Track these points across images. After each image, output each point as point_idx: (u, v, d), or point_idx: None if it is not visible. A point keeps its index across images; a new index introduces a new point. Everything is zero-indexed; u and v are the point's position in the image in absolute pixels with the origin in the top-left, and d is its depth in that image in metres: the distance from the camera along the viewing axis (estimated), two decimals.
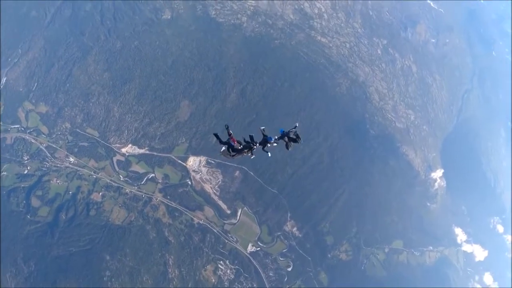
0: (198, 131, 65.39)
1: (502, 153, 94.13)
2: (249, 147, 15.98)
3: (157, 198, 63.93)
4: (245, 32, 70.40)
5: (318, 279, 68.49)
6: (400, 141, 73.70)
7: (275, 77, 68.59)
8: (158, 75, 66.28)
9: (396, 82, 79.41)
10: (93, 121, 64.29)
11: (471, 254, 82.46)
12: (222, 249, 64.45)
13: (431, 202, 76.80)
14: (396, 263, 72.47)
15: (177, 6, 69.91)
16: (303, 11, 75.76)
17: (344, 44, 76.28)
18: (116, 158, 64.43)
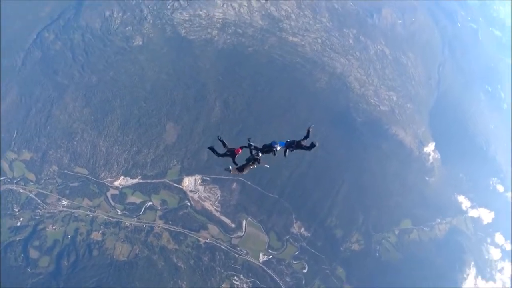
0: (188, 151, 64.77)
1: (486, 116, 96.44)
2: (253, 159, 14.75)
3: (159, 225, 62.59)
4: (218, 45, 70.89)
5: (336, 274, 67.70)
6: (388, 123, 74.63)
7: (254, 84, 68.98)
8: (139, 102, 65.77)
9: (372, 68, 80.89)
10: (81, 159, 63.06)
11: (479, 219, 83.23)
12: (234, 264, 63.22)
13: (429, 176, 77.55)
14: (409, 242, 72.38)
15: (147, 31, 70.03)
16: (271, 15, 76.96)
17: (316, 40, 77.57)
18: (110, 193, 63.12)
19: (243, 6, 75.70)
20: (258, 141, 15.43)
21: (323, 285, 66.91)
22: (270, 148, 14.69)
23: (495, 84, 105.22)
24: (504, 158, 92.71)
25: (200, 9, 73.21)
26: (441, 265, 72.43)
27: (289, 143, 15.06)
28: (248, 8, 75.96)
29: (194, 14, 72.83)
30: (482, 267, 79.06)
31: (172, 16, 71.81)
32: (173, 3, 72.63)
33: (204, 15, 72.89)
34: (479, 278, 76.11)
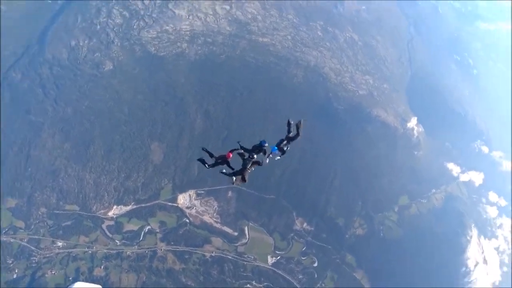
0: (177, 168, 63.88)
1: (460, 83, 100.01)
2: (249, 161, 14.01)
3: (161, 248, 61.27)
4: (189, 57, 70.56)
5: (346, 262, 68.09)
6: (369, 106, 76.07)
7: (232, 90, 68.92)
8: (119, 127, 64.48)
9: (345, 55, 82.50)
10: (69, 196, 61.13)
11: (470, 182, 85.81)
12: (244, 272, 62.54)
13: (417, 150, 79.41)
14: (409, 217, 73.69)
15: (116, 54, 68.93)
16: (238, 20, 77.37)
17: (286, 37, 78.47)
18: (105, 225, 61.45)
19: (209, 15, 75.81)
20: (247, 144, 15.20)
21: (335, 275, 67.08)
22: (260, 147, 14.14)
23: (462, 53, 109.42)
24: (483, 121, 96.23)
25: (166, 24, 72.79)
26: (444, 233, 74.10)
27: (279, 143, 14.50)
28: (214, 16, 76.13)
29: (161, 30, 72.34)
30: (483, 227, 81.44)
31: (140, 36, 71.05)
32: (138, 23, 71.94)
33: (171, 30, 72.50)
34: (481, 237, 78.33)
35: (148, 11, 73.38)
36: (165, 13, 73.67)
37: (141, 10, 73.29)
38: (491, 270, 78.23)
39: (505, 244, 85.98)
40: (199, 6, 75.84)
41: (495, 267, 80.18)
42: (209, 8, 76.40)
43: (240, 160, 14.50)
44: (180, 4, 75.01)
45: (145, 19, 72.32)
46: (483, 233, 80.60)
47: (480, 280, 75.09)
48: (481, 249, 77.38)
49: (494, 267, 79.73)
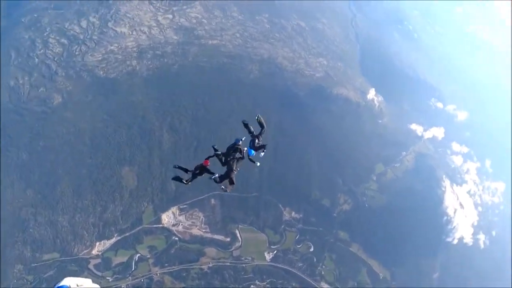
0: (154, 188, 61.81)
1: (405, 48, 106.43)
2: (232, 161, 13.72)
3: (157, 273, 59.19)
4: (142, 73, 68.29)
5: (340, 239, 70.10)
6: (328, 86, 78.56)
7: (193, 98, 67.71)
8: (84, 160, 61.04)
9: (295, 43, 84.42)
10: (45, 245, 57.11)
11: (434, 137, 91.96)
12: (245, 274, 62.24)
13: (381, 118, 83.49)
14: (388, 183, 77.37)
15: (63, 85, 64.96)
16: (183, 27, 76.11)
17: (235, 35, 78.58)
18: (92, 264, 58.18)
19: (153, 27, 73.86)
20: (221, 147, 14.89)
21: (333, 254, 68.88)
22: (235, 147, 13.94)
23: (402, 22, 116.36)
24: (433, 79, 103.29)
25: (110, 44, 69.85)
26: (422, 190, 78.75)
27: (252, 144, 14.27)
28: (159, 27, 74.30)
29: (106, 51, 69.29)
30: (452, 175, 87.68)
31: (84, 61, 67.53)
32: (79, 48, 68.28)
33: (117, 49, 69.68)
34: (454, 185, 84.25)
35: (87, 34, 69.85)
36: (107, 33, 70.62)
37: (79, 34, 69.58)
38: (468, 212, 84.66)
39: (475, 186, 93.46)
40: (141, 20, 73.60)
41: (471, 209, 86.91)
42: (152, 20, 74.40)
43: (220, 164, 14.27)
44: (120, 21, 72.27)
45: (86, 43, 68.81)
46: (454, 181, 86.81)
47: (461, 223, 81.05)
48: (455, 196, 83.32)
49: (470, 209, 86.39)
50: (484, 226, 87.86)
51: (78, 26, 70.84)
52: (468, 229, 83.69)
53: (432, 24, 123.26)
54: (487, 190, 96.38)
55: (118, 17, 72.76)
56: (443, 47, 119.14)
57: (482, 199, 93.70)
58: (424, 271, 75.68)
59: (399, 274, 72.72)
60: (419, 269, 75.09)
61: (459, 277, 78.88)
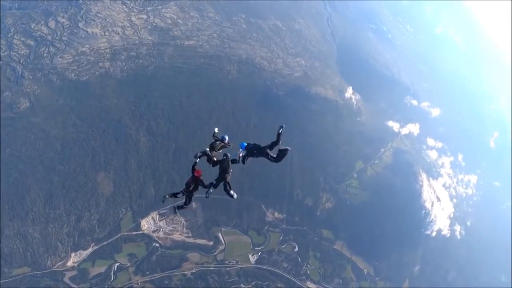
0: (132, 193, 59.49)
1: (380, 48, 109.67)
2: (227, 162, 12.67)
3: (137, 282, 57.05)
4: (116, 75, 65.64)
5: (324, 238, 70.65)
6: (307, 86, 79.19)
7: (170, 99, 65.85)
8: (55, 167, 57.74)
9: (273, 43, 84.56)
10: (15, 259, 53.68)
11: (410, 134, 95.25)
12: (230, 278, 61.31)
13: (359, 116, 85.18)
14: (368, 179, 78.92)
15: (30, 89, 61.16)
16: (158, 27, 74.21)
17: (211, 36, 77.52)
18: (67, 277, 55.34)
19: (127, 28, 71.44)
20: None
21: (318, 253, 69.23)
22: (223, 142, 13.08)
23: (375, 22, 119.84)
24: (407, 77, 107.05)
25: (82, 45, 66.82)
26: (401, 185, 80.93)
27: (251, 147, 13.11)
28: (132, 28, 71.97)
29: (77, 53, 66.17)
30: (429, 170, 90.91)
31: (53, 63, 64.04)
32: (47, 49, 64.77)
33: (88, 51, 66.72)
34: (430, 179, 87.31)
35: (56, 35, 66.47)
36: (77, 34, 67.54)
37: (47, 35, 66.09)
38: (444, 205, 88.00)
39: (449, 179, 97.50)
40: (114, 20, 71.01)
41: (447, 201, 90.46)
42: (125, 20, 71.98)
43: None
44: (92, 22, 69.36)
45: (55, 44, 65.39)
46: (431, 175, 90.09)
47: (438, 216, 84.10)
48: (432, 189, 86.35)
49: (446, 202, 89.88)
50: (460, 217, 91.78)
51: (46, 26, 67.28)
52: (445, 221, 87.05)
53: (404, 24, 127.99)
54: (461, 183, 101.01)
55: (89, 17, 69.80)
56: (415, 46, 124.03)
57: (457, 191, 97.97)
58: (406, 264, 77.97)
59: (382, 268, 74.45)
60: (400, 263, 77.24)
61: (439, 267, 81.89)
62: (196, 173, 12.41)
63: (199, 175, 12.44)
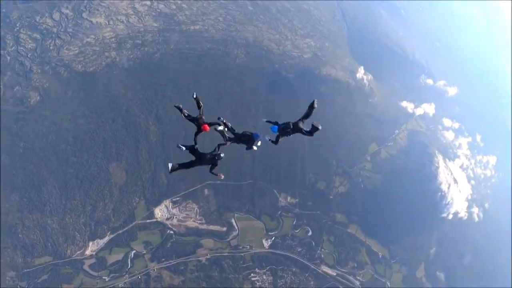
0: (145, 182, 59.92)
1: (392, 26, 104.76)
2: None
3: (154, 268, 58.18)
4: (122, 64, 64.94)
5: (337, 221, 70.01)
6: (316, 67, 76.62)
7: (177, 86, 64.91)
8: (69, 159, 58.54)
9: (281, 24, 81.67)
10: (36, 249, 55.50)
11: (425, 114, 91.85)
12: (244, 263, 61.78)
13: (371, 97, 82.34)
14: (382, 162, 77.06)
15: (40, 82, 61.40)
16: (163, 13, 72.51)
17: (217, 19, 75.31)
18: (87, 265, 56.93)
19: (131, 16, 70.08)
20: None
21: (331, 237, 68.80)
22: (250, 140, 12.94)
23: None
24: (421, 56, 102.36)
25: (87, 36, 66.10)
26: (416, 167, 78.82)
27: (283, 127, 13.03)
28: (137, 15, 70.53)
29: (83, 44, 65.60)
30: (445, 151, 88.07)
31: (60, 56, 63.78)
32: (54, 42, 64.44)
33: (94, 41, 66.04)
34: (446, 161, 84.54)
35: (61, 27, 65.89)
36: (82, 25, 66.74)
37: (53, 28, 65.58)
38: (462, 187, 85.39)
39: (467, 160, 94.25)
40: (117, 8, 69.67)
41: (464, 183, 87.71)
42: (129, 8, 70.51)
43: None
44: (95, 11, 68.29)
45: (60, 36, 64.92)
46: (447, 157, 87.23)
47: (455, 198, 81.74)
48: (449, 171, 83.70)
49: (464, 184, 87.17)
50: (478, 199, 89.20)
51: (51, 19, 66.67)
52: (462, 203, 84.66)
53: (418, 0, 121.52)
54: (479, 164, 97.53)
55: (92, 6, 68.68)
56: (430, 23, 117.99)
57: (475, 172, 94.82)
58: (421, 247, 76.76)
59: (397, 251, 73.49)
60: (416, 246, 76.07)
61: (455, 251, 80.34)
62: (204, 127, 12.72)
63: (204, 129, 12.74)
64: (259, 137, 13.00)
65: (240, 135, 13.14)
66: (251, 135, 13.00)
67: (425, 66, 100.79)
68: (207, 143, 15.06)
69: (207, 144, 15.33)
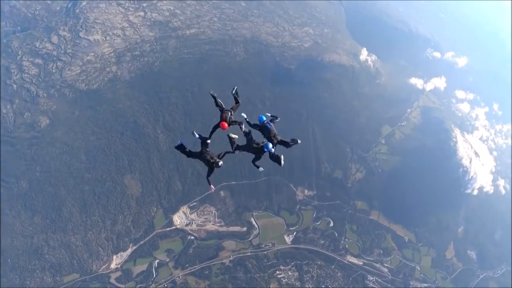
0: (160, 191, 60.10)
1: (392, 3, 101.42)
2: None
3: (179, 275, 58.20)
4: (124, 77, 65.41)
5: (359, 209, 68.41)
6: (318, 55, 75.08)
7: (181, 92, 64.90)
8: (84, 176, 59.32)
9: (276, 16, 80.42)
10: (64, 268, 56.38)
11: (436, 89, 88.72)
12: (268, 261, 61.09)
13: (378, 78, 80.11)
14: (398, 143, 74.87)
15: (47, 106, 62.55)
16: (157, 22, 72.56)
17: (212, 20, 74.81)
18: (113, 278, 57.41)
19: (126, 28, 70.41)
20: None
21: (354, 226, 67.23)
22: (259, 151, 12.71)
23: None
24: (425, 29, 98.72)
25: (86, 54, 66.84)
26: (433, 145, 76.23)
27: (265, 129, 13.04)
28: (132, 27, 70.82)
29: (84, 62, 66.38)
30: (462, 124, 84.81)
31: (63, 77, 64.78)
32: (55, 64, 65.43)
33: (94, 58, 66.71)
34: (465, 134, 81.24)
35: (61, 49, 66.87)
36: (80, 44, 67.51)
37: (53, 51, 66.64)
38: (484, 159, 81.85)
39: (486, 131, 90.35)
40: (112, 23, 70.14)
41: (487, 155, 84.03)
42: (123, 21, 70.88)
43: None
44: (92, 29, 68.96)
45: (61, 58, 65.88)
46: (465, 130, 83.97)
47: (479, 173, 78.40)
48: (468, 144, 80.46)
49: (486, 156, 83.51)
50: (502, 170, 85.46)
51: (49, 42, 67.79)
52: (486, 177, 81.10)
53: None
54: (499, 133, 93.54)
55: (88, 25, 69.40)
56: None
57: (496, 143, 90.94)
58: (447, 227, 73.97)
59: (423, 234, 71.19)
60: (442, 226, 73.39)
61: (485, 227, 77.03)
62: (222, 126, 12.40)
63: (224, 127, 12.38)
64: (270, 149, 11.85)
65: (250, 145, 12.25)
66: (261, 146, 12.06)
67: (430, 39, 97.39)
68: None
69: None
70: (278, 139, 12.45)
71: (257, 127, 13.00)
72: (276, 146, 12.56)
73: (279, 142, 12.46)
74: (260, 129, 12.85)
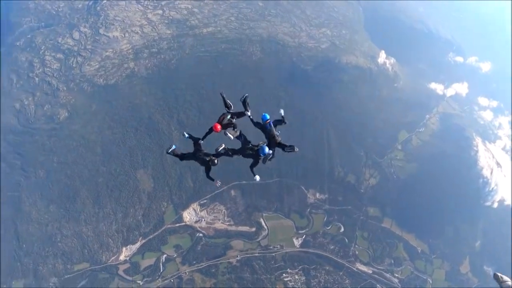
0: (172, 186, 60.67)
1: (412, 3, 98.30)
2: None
3: (185, 271, 58.50)
4: (141, 74, 66.66)
5: (370, 216, 66.49)
6: (336, 56, 73.88)
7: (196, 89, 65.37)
8: (99, 169, 60.84)
9: (294, 16, 79.72)
10: (74, 256, 57.94)
11: (457, 95, 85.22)
12: (275, 263, 60.35)
13: (397, 81, 77.85)
14: (414, 150, 72.43)
15: (66, 100, 64.61)
16: (175, 20, 73.52)
17: (229, 19, 75.09)
18: (121, 270, 58.46)
19: (144, 26, 71.73)
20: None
21: (365, 233, 65.52)
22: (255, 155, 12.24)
23: None
24: (447, 31, 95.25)
25: (105, 50, 68.53)
26: (452, 152, 73.25)
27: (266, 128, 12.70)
28: (150, 25, 72.07)
29: (102, 58, 68.10)
30: (484, 133, 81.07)
31: (83, 72, 66.74)
32: (75, 59, 67.49)
33: (112, 55, 68.30)
34: (486, 143, 77.76)
35: (81, 45, 68.96)
36: (100, 40, 69.34)
37: (74, 46, 68.81)
38: (506, 171, 77.96)
39: (509, 140, 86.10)
40: (131, 20, 71.66)
41: (509, 166, 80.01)
42: (142, 19, 72.29)
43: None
44: (111, 26, 70.71)
45: (81, 54, 67.88)
46: (487, 138, 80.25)
47: (500, 184, 74.64)
48: (490, 154, 76.86)
49: (508, 167, 79.53)
50: None
51: (71, 38, 70.03)
52: (508, 189, 77.12)
53: None
54: None
55: (108, 22, 71.26)
56: None
57: None
58: (464, 240, 70.55)
59: (437, 245, 68.28)
60: (458, 239, 70.13)
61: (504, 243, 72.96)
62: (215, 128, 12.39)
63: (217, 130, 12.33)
64: (266, 153, 11.17)
65: (244, 150, 11.77)
66: (256, 150, 11.47)
67: (452, 42, 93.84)
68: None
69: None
70: (277, 141, 11.70)
71: (259, 125, 12.50)
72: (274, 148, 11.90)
73: (277, 144, 11.56)
74: (261, 127, 12.14)
